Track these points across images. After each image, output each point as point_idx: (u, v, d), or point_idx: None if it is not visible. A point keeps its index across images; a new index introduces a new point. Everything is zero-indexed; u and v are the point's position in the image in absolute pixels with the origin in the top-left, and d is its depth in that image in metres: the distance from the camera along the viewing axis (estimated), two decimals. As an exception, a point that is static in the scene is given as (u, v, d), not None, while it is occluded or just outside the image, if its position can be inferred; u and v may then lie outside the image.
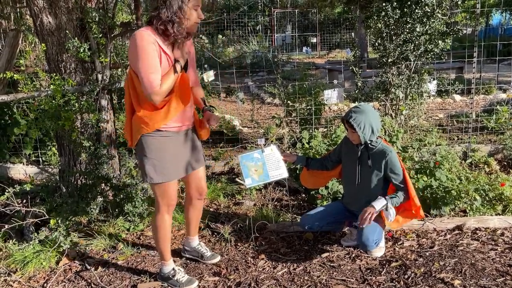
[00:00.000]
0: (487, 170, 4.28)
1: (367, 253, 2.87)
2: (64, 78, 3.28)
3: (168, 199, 2.45)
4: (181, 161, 2.46)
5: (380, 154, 2.75)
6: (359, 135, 2.69)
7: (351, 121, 2.67)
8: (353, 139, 2.77)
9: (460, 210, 3.47)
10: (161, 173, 2.36)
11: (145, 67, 2.14)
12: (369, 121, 2.69)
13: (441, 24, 4.35)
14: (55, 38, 3.26)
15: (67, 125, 3.12)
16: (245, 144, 5.07)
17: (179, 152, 2.44)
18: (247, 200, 3.85)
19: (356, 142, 2.79)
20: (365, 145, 2.78)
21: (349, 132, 2.77)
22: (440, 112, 7.00)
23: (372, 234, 2.70)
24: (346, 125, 2.76)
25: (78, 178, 3.49)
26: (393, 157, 2.73)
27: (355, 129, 2.67)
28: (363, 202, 2.73)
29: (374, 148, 2.77)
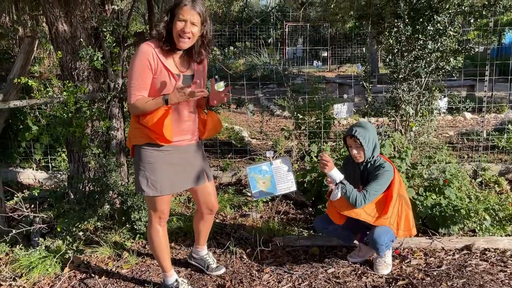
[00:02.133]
0: (497, 189, 4.23)
1: (374, 270, 2.84)
2: (77, 85, 3.32)
3: (159, 213, 2.45)
4: (177, 176, 2.41)
5: (377, 167, 2.73)
6: (364, 149, 2.67)
7: (357, 135, 2.65)
8: (358, 156, 2.73)
9: (469, 230, 3.42)
10: (153, 186, 2.35)
11: (130, 79, 2.24)
12: (372, 136, 2.69)
13: (453, 42, 4.34)
14: (69, 46, 3.31)
15: (78, 132, 3.16)
16: (253, 156, 5.07)
17: (176, 167, 2.40)
18: (254, 212, 3.83)
19: (360, 160, 2.75)
20: (366, 163, 2.76)
21: (353, 148, 2.73)
22: (451, 130, 6.95)
23: (385, 234, 2.68)
24: (350, 140, 2.73)
25: (86, 185, 3.50)
26: (385, 173, 2.68)
27: (362, 144, 2.65)
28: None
29: (374, 164, 2.75)
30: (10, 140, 4.71)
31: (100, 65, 3.29)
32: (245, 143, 6.00)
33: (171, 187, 2.41)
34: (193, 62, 2.39)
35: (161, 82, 2.25)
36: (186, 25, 2.18)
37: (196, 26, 2.22)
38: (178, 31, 2.20)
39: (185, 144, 2.43)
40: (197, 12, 2.20)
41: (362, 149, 2.69)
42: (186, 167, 2.45)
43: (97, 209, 3.26)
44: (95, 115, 3.27)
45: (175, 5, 2.21)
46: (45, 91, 3.33)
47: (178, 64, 2.33)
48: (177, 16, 2.19)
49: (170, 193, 2.43)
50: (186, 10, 2.18)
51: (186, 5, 2.18)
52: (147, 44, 2.23)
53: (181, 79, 2.18)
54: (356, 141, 2.68)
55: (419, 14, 4.23)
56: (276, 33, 16.87)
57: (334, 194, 2.63)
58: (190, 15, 2.18)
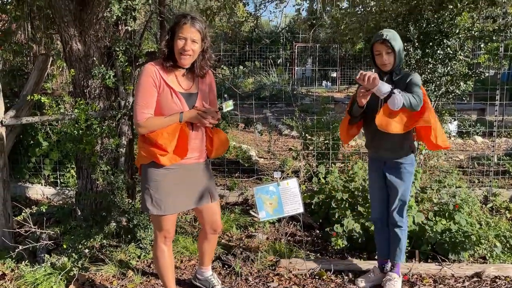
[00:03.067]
0: (508, 216, 4.15)
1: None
2: (88, 103, 3.36)
3: (164, 232, 2.44)
4: (182, 196, 2.41)
5: (404, 76, 2.62)
6: (396, 54, 2.57)
7: (389, 39, 2.54)
8: (388, 62, 2.59)
9: (480, 257, 3.35)
10: (157, 205, 2.35)
11: (137, 98, 2.28)
12: (400, 42, 2.61)
13: (463, 66, 4.34)
14: (82, 64, 3.36)
15: (88, 149, 3.18)
16: (260, 176, 5.06)
17: (181, 186, 2.40)
18: (260, 233, 3.80)
19: (389, 67, 2.62)
20: (391, 75, 2.65)
21: (383, 54, 2.58)
22: (461, 153, 6.88)
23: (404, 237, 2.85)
24: (381, 46, 2.58)
25: (94, 202, 3.51)
26: (416, 76, 2.60)
27: (394, 48, 2.55)
28: (386, 138, 2.64)
29: (399, 74, 2.65)
30: (21, 156, 4.76)
31: (112, 83, 3.33)
32: (253, 163, 6.00)
33: (175, 206, 2.41)
34: (197, 78, 2.42)
35: (164, 100, 2.28)
36: (186, 43, 2.24)
37: (196, 43, 2.27)
38: (179, 49, 2.25)
39: (191, 162, 2.43)
40: (197, 29, 2.25)
41: (393, 54, 2.58)
42: (191, 186, 2.45)
43: (104, 226, 3.25)
44: (105, 132, 3.30)
45: (175, 23, 2.26)
46: (57, 108, 3.38)
47: (181, 82, 2.36)
48: (177, 35, 2.24)
49: (174, 212, 2.42)
50: (186, 28, 2.23)
51: (185, 23, 2.23)
52: (150, 64, 2.31)
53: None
54: (388, 45, 2.56)
55: (429, 38, 4.24)
56: (286, 53, 17.02)
57: (393, 102, 2.44)
58: (190, 33, 2.23)
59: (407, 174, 2.75)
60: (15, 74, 4.81)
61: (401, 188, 2.75)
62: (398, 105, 2.44)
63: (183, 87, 2.36)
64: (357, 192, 3.73)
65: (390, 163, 2.77)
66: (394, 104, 2.45)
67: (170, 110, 2.29)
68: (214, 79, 2.58)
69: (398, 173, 2.75)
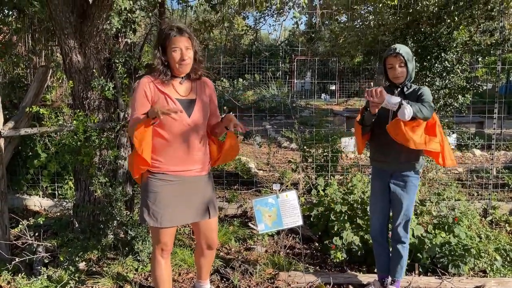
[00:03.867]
0: (508, 229, 4.14)
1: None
2: (87, 114, 3.37)
3: (161, 244, 2.43)
4: (180, 209, 2.39)
5: (414, 91, 2.66)
6: (408, 68, 2.61)
7: (402, 53, 2.58)
8: (401, 75, 2.63)
9: (480, 270, 3.33)
10: (154, 217, 2.34)
11: (131, 111, 2.36)
12: (411, 55, 2.66)
13: (461, 79, 4.37)
14: (82, 76, 3.37)
15: (86, 160, 3.18)
16: (259, 188, 5.04)
17: (180, 199, 2.38)
18: (259, 246, 3.77)
19: (401, 80, 2.65)
20: (402, 88, 2.68)
21: (397, 67, 2.62)
22: (460, 166, 6.88)
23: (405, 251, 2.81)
24: (394, 59, 2.62)
25: (92, 214, 3.49)
26: (427, 90, 2.63)
27: (406, 62, 2.59)
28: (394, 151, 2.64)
29: (409, 88, 2.68)
30: (19, 167, 4.74)
31: (111, 95, 3.34)
32: (252, 175, 5.98)
33: (172, 219, 2.38)
34: (195, 86, 2.43)
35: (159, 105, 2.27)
36: (182, 53, 2.28)
37: (190, 49, 2.31)
38: (178, 60, 2.28)
39: (193, 175, 2.41)
40: (186, 37, 2.29)
41: (406, 67, 2.61)
42: (191, 200, 2.42)
43: (101, 238, 3.23)
44: (104, 144, 3.30)
45: (164, 39, 2.28)
46: (56, 120, 3.38)
47: (178, 89, 2.37)
48: (170, 47, 2.27)
49: (171, 225, 2.40)
50: (176, 39, 2.26)
51: (175, 36, 2.26)
52: (146, 76, 2.36)
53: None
54: (401, 59, 2.59)
55: (427, 52, 4.28)
56: (285, 66, 17.12)
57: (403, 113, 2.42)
58: (181, 42, 2.27)
59: (412, 188, 2.74)
60: (15, 85, 4.82)
61: (405, 202, 2.73)
62: (408, 115, 2.44)
63: (181, 93, 2.37)
64: (356, 205, 3.72)
65: (396, 175, 2.76)
66: (404, 115, 2.44)
67: (166, 117, 2.27)
68: (215, 91, 2.59)
69: (404, 186, 2.73)
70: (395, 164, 2.73)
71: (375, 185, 2.89)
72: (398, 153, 2.67)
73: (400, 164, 2.72)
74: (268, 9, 8.07)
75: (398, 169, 2.74)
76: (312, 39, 13.33)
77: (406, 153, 2.65)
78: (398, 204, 2.76)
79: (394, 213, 2.82)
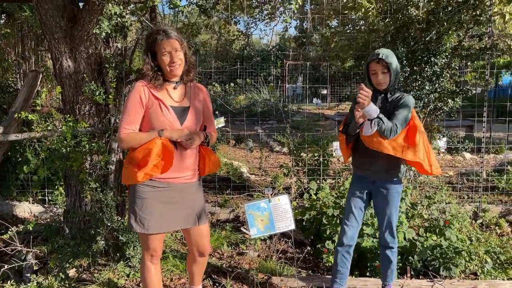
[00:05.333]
0: (498, 231, 4.17)
1: None
2: (77, 119, 3.34)
3: (150, 251, 2.41)
4: (168, 216, 2.36)
5: (398, 98, 2.62)
6: (391, 74, 2.56)
7: (385, 59, 2.53)
8: (383, 81, 2.60)
9: (471, 273, 3.35)
10: (141, 223, 2.31)
11: (123, 114, 2.32)
12: (396, 62, 2.60)
13: (450, 83, 4.42)
14: (72, 80, 3.35)
15: (75, 166, 3.14)
16: (252, 192, 5.04)
17: (168, 206, 2.35)
18: (251, 250, 3.76)
19: (384, 86, 2.61)
20: (385, 94, 2.64)
21: (379, 74, 2.59)
22: (450, 170, 6.94)
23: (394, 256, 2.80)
24: (376, 65, 2.58)
25: (82, 220, 3.46)
26: (409, 98, 2.59)
27: (389, 68, 2.54)
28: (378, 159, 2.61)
29: (394, 94, 2.64)
30: (8, 173, 4.69)
31: (102, 100, 3.32)
32: (244, 179, 5.98)
33: (159, 226, 2.35)
34: (189, 92, 2.42)
35: (153, 114, 2.28)
36: (172, 55, 2.27)
37: (179, 51, 2.30)
38: (168, 63, 2.28)
39: (182, 182, 2.38)
40: (174, 38, 2.28)
41: (389, 74, 2.57)
42: (179, 207, 2.39)
43: (92, 244, 3.20)
44: (94, 149, 3.27)
45: (151, 44, 2.28)
46: (45, 125, 3.35)
47: (172, 94, 2.36)
48: (160, 52, 2.26)
49: (158, 232, 2.37)
50: (164, 43, 2.26)
51: (162, 39, 2.26)
52: (140, 81, 2.33)
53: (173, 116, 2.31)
54: (383, 65, 2.55)
55: (417, 56, 4.32)
56: (277, 71, 17.18)
57: (368, 129, 2.47)
58: (169, 44, 2.26)
59: (396, 195, 2.72)
60: (4, 90, 4.78)
61: (389, 210, 2.72)
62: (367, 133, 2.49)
63: (175, 99, 2.35)
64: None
65: (379, 183, 2.73)
66: (367, 131, 2.48)
67: (160, 123, 2.27)
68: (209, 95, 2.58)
69: (387, 194, 2.71)
70: (378, 172, 2.70)
71: (355, 192, 2.81)
72: (382, 161, 2.64)
73: (384, 173, 2.69)
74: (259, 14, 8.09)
75: (381, 177, 2.71)
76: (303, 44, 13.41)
77: (389, 161, 2.64)
78: (381, 212, 2.75)
79: (379, 221, 2.81)
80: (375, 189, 2.75)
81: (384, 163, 2.65)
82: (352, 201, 2.81)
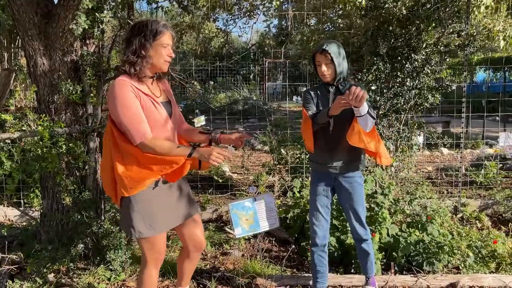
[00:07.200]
0: (478, 225, 4.24)
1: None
2: (53, 119, 3.23)
3: (157, 254, 2.30)
4: (172, 210, 2.30)
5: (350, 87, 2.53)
6: (335, 65, 2.51)
7: (328, 50, 2.48)
8: (327, 73, 2.54)
9: (453, 267, 3.39)
10: (150, 226, 2.21)
11: (130, 117, 2.07)
12: (343, 53, 2.54)
13: (430, 80, 4.46)
14: (47, 79, 3.24)
15: (50, 167, 3.02)
16: (235, 192, 4.99)
17: (170, 201, 2.29)
18: (235, 250, 3.71)
19: (328, 78, 2.56)
20: (336, 85, 2.60)
21: (323, 65, 2.54)
22: (429, 165, 7.04)
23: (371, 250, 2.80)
24: (321, 56, 2.53)
25: (60, 223, 3.34)
26: (364, 87, 2.53)
27: (332, 59, 2.49)
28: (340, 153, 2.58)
29: (346, 85, 2.59)
30: (-19, 175, 4.51)
31: (79, 98, 3.22)
32: (226, 178, 5.92)
33: (168, 223, 2.29)
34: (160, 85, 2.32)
35: (147, 112, 2.13)
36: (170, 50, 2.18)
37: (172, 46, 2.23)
38: (166, 57, 2.17)
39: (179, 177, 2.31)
40: (172, 34, 2.21)
41: (333, 65, 2.52)
42: (176, 200, 2.33)
43: (70, 248, 3.09)
44: (71, 150, 3.16)
45: (155, 34, 2.13)
46: (20, 125, 3.22)
47: (154, 91, 2.25)
48: (160, 44, 2.14)
49: (167, 229, 2.30)
50: (167, 35, 2.16)
51: (165, 31, 2.16)
52: (121, 79, 2.11)
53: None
54: (327, 56, 2.50)
55: (397, 53, 4.35)
56: (257, 69, 17.15)
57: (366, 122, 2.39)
58: (170, 38, 2.18)
59: (359, 187, 2.71)
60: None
61: (355, 201, 2.70)
62: (370, 127, 2.43)
63: (157, 95, 2.25)
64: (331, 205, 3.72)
65: (341, 178, 2.70)
66: (367, 126, 2.42)
67: (154, 121, 2.15)
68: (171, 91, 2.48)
69: (351, 187, 2.69)
70: (340, 167, 2.67)
71: (318, 190, 2.76)
72: (343, 155, 2.62)
73: (345, 166, 2.67)
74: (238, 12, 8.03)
75: (343, 171, 2.68)
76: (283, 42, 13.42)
77: (350, 154, 2.61)
78: (348, 206, 2.73)
79: (346, 216, 2.79)
80: (337, 185, 2.73)
81: (344, 155, 2.62)
82: (318, 200, 2.76)
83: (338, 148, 2.58)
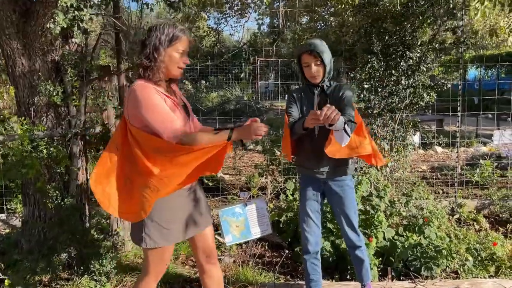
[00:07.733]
0: (476, 227, 4.15)
1: None
2: (34, 122, 3.07)
3: (162, 265, 2.15)
4: (190, 219, 2.15)
5: (336, 89, 2.47)
6: (325, 66, 2.39)
7: (317, 50, 2.36)
8: (317, 74, 2.42)
9: (452, 271, 3.29)
10: (166, 236, 2.06)
11: (161, 118, 1.93)
12: (329, 53, 2.43)
13: (425, 78, 4.36)
14: (27, 80, 3.08)
15: (30, 173, 2.87)
16: (226, 195, 4.85)
17: (188, 210, 2.15)
18: (227, 256, 3.58)
19: (318, 79, 2.44)
20: (321, 87, 2.48)
21: (312, 66, 2.41)
22: (423, 164, 6.96)
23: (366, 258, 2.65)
24: (309, 57, 2.41)
25: (42, 231, 3.18)
26: (350, 90, 2.44)
27: (323, 60, 2.38)
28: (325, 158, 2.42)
29: (331, 86, 2.49)
30: (-39, 181, 4.33)
31: (60, 100, 3.06)
32: (218, 180, 5.78)
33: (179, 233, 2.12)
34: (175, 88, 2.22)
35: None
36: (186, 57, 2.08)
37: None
38: (179, 63, 2.05)
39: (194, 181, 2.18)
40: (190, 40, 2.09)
41: (323, 66, 2.41)
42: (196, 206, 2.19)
43: (52, 258, 2.94)
44: (53, 154, 3.01)
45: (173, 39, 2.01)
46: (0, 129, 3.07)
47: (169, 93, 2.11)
48: (176, 49, 2.03)
49: (183, 239, 2.16)
50: (185, 40, 2.05)
51: (184, 37, 2.04)
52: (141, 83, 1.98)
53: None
54: (316, 57, 2.38)
55: (392, 50, 4.24)
56: (248, 68, 17.02)
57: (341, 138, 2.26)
58: (187, 43, 2.06)
59: (349, 191, 2.57)
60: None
61: (346, 207, 2.57)
62: (345, 143, 2.29)
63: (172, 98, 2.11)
64: (326, 208, 3.60)
65: (330, 182, 2.57)
66: (342, 141, 2.28)
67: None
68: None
69: (341, 191, 2.56)
70: (328, 172, 2.54)
71: (308, 195, 2.62)
72: (328, 160, 2.47)
73: (332, 171, 2.54)
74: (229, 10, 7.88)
75: (331, 176, 2.55)
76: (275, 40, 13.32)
77: (336, 159, 2.45)
78: (339, 211, 2.60)
79: (338, 221, 2.64)
80: (327, 189, 2.60)
81: (330, 160, 2.47)
82: (308, 205, 2.63)
83: (323, 153, 2.43)
